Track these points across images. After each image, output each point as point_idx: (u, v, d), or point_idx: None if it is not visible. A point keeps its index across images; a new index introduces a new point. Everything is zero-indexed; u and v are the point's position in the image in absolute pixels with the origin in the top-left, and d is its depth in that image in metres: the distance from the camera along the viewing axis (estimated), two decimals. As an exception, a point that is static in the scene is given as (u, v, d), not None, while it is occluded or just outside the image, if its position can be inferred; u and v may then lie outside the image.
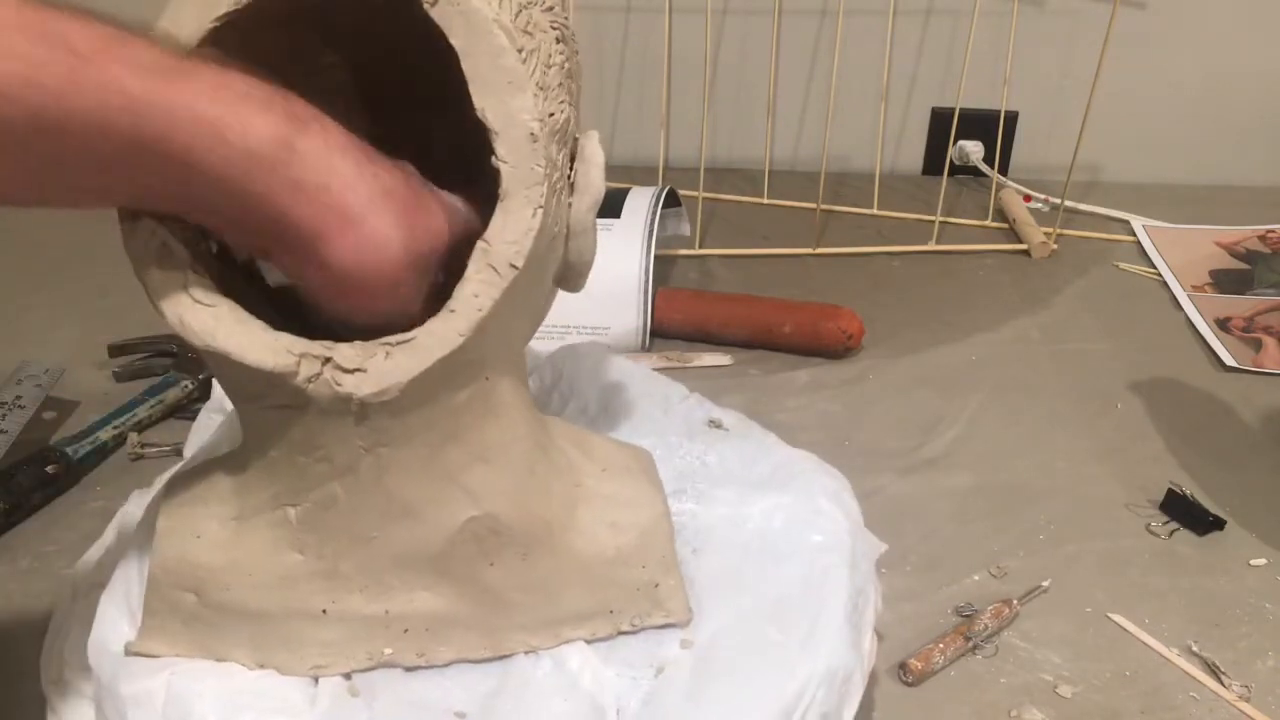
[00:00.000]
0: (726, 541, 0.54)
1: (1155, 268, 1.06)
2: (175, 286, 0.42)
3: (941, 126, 1.21)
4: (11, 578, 0.67)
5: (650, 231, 0.90)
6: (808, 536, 0.54)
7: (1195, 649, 0.63)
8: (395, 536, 0.46)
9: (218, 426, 0.62)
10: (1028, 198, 1.18)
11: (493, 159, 0.42)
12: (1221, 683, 0.61)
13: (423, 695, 0.47)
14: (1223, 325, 0.96)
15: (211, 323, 0.42)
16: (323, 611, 0.47)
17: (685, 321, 0.92)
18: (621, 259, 0.89)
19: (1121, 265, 1.07)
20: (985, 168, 1.21)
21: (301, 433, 0.44)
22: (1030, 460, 0.79)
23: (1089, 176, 1.24)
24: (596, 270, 0.50)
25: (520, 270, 0.42)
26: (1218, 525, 0.72)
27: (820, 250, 1.07)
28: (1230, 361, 0.91)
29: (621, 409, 0.63)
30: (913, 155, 1.27)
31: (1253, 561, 0.70)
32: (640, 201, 0.93)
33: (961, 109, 1.12)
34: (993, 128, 1.21)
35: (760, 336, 0.91)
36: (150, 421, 0.79)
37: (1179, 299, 1.01)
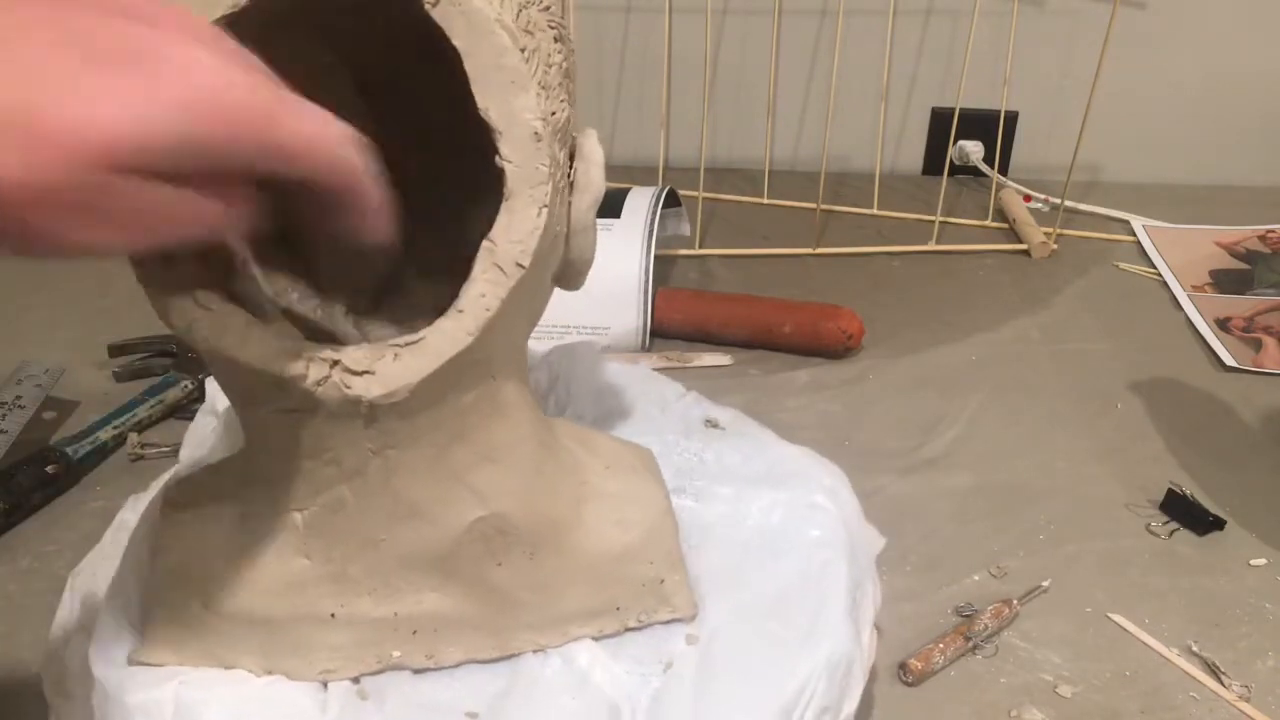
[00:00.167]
0: (726, 538, 0.54)
1: (1155, 268, 1.06)
2: (180, 292, 0.42)
3: (941, 126, 1.21)
4: (11, 578, 0.67)
5: (650, 231, 0.90)
6: (806, 531, 0.54)
7: (1195, 649, 0.63)
8: (403, 538, 0.46)
9: (211, 433, 0.62)
10: (1028, 198, 1.18)
11: (497, 159, 0.42)
12: (1221, 683, 0.61)
13: (432, 697, 0.47)
14: (1223, 325, 0.96)
15: (218, 328, 0.42)
16: (331, 616, 0.47)
17: (685, 321, 0.92)
18: (621, 259, 0.89)
19: (1121, 265, 1.07)
20: (985, 168, 1.21)
21: (309, 436, 0.44)
22: (1030, 460, 0.79)
23: (1089, 176, 1.24)
24: (596, 270, 0.49)
25: (526, 269, 0.42)
26: (1218, 525, 0.72)
27: (820, 250, 1.07)
28: (1230, 361, 0.91)
29: (619, 409, 0.63)
30: (913, 155, 1.27)
31: (1253, 561, 0.70)
32: (640, 201, 0.93)
33: (961, 109, 1.12)
34: (993, 128, 1.21)
35: (760, 336, 0.91)
36: (150, 422, 0.79)
37: (1179, 299, 1.01)
